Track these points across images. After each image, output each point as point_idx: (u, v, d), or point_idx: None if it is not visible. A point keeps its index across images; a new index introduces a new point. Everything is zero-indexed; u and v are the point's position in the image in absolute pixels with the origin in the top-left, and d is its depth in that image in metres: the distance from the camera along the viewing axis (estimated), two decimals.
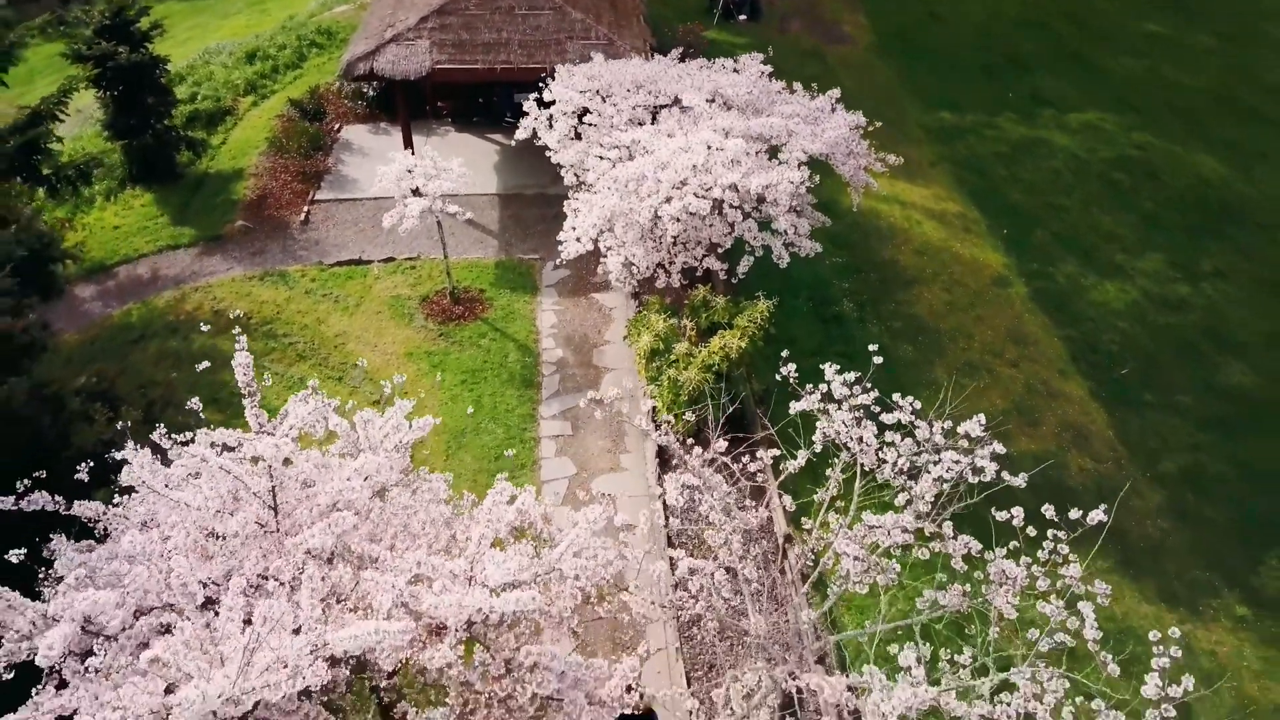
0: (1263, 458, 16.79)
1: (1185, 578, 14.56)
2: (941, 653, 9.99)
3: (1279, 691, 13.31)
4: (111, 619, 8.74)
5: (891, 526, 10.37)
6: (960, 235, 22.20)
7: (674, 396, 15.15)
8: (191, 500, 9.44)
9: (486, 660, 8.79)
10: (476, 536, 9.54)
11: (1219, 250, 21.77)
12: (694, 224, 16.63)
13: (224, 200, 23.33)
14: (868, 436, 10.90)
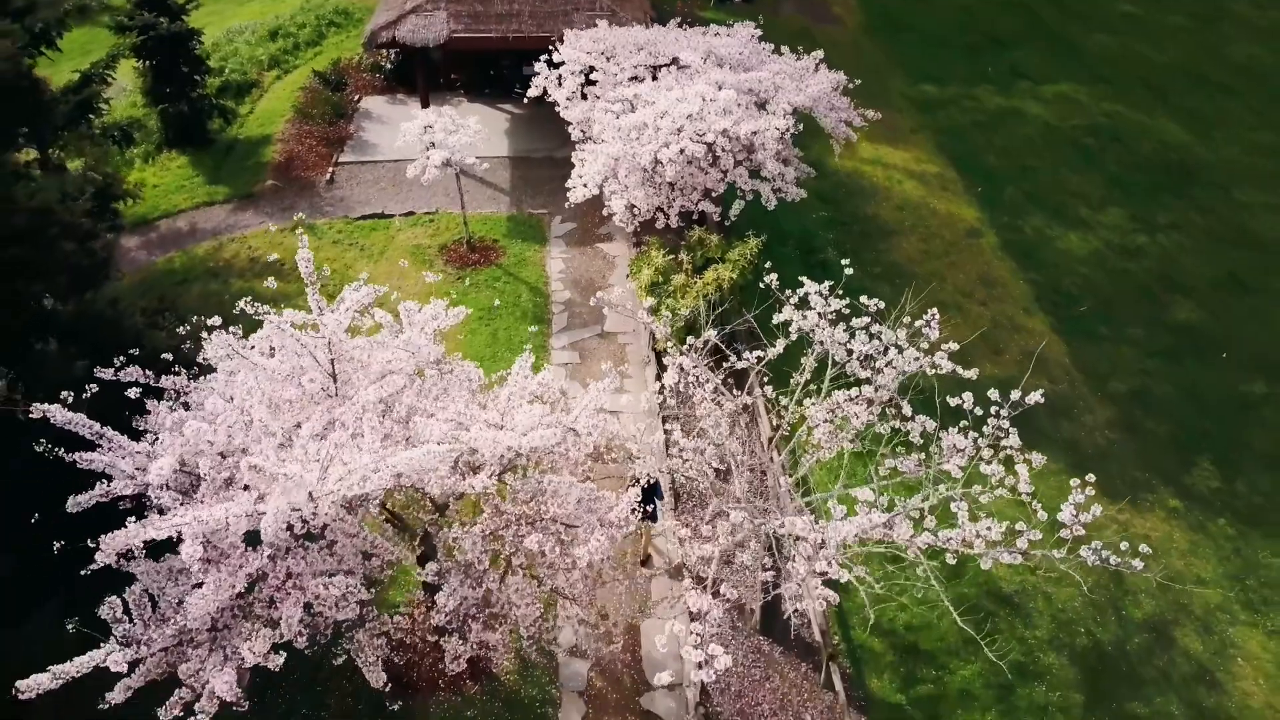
0: (1203, 381, 18.65)
1: (1127, 478, 16.43)
2: (896, 501, 11.82)
3: (1201, 567, 15.18)
4: (204, 454, 10.62)
5: (857, 398, 12.27)
6: (938, 193, 24.07)
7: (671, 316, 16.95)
8: (267, 364, 11.34)
9: (516, 487, 10.67)
10: (505, 395, 11.44)
11: (1176, 206, 23.65)
12: (690, 171, 18.51)
13: (254, 162, 25.24)
14: (838, 333, 12.77)
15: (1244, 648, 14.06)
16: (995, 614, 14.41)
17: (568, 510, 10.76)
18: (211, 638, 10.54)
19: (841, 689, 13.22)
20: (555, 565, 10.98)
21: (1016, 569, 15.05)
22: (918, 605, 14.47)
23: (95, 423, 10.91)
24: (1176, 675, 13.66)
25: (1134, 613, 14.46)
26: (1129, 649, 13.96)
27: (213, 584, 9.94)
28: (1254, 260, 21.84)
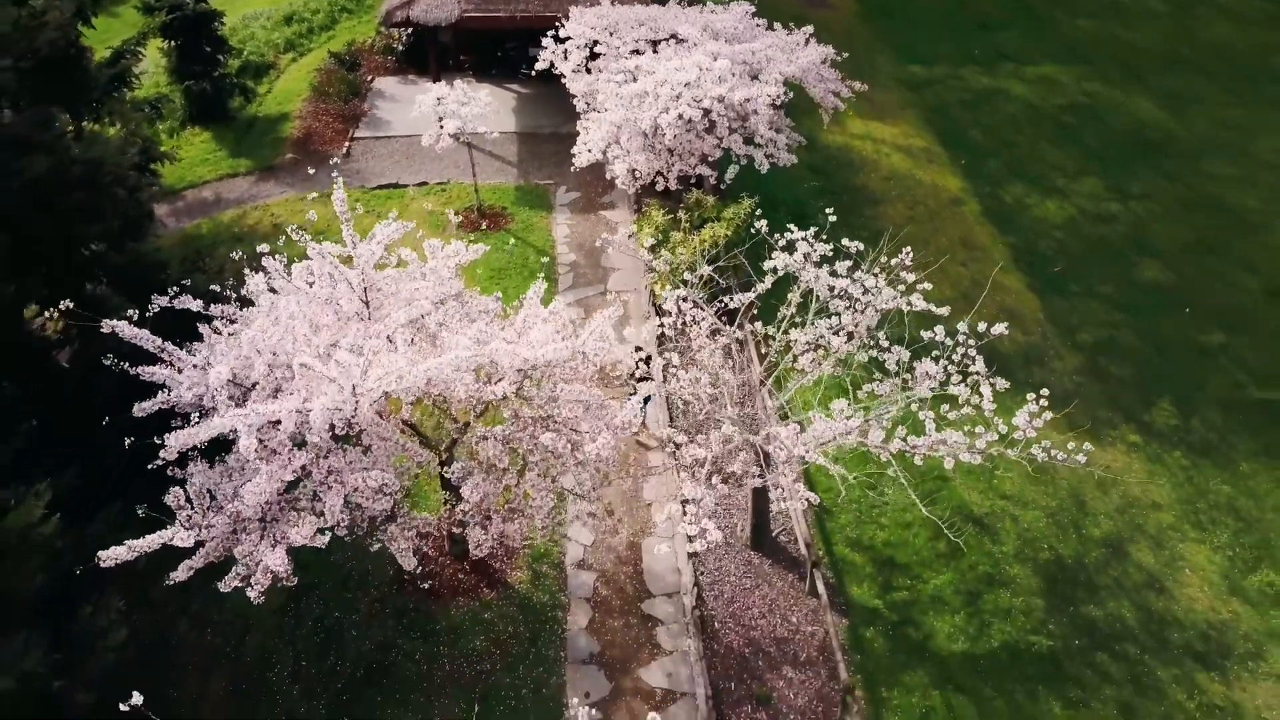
0: (1166, 333, 20.05)
1: (1091, 415, 17.83)
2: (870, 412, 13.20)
3: (1156, 493, 16.57)
4: (254, 366, 12.03)
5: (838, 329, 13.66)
6: (923, 165, 25.50)
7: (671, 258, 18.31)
8: (307, 291, 12.76)
9: (532, 394, 12.09)
10: (520, 318, 12.86)
11: (1148, 177, 25.06)
12: (687, 138, 19.91)
13: (273, 138, 26.66)
14: (822, 273, 14.14)
15: (1191, 560, 15.46)
16: (966, 531, 15.80)
17: (577, 415, 12.18)
18: (262, 527, 11.94)
19: (824, 594, 14.62)
20: (566, 464, 12.41)
21: (986, 494, 16.49)
22: (895, 525, 15.89)
23: (157, 338, 12.35)
24: (1129, 583, 15.06)
25: (1093, 531, 15.87)
26: (1087, 561, 15.38)
27: (265, 475, 11.36)
28: (1219, 225, 23.24)
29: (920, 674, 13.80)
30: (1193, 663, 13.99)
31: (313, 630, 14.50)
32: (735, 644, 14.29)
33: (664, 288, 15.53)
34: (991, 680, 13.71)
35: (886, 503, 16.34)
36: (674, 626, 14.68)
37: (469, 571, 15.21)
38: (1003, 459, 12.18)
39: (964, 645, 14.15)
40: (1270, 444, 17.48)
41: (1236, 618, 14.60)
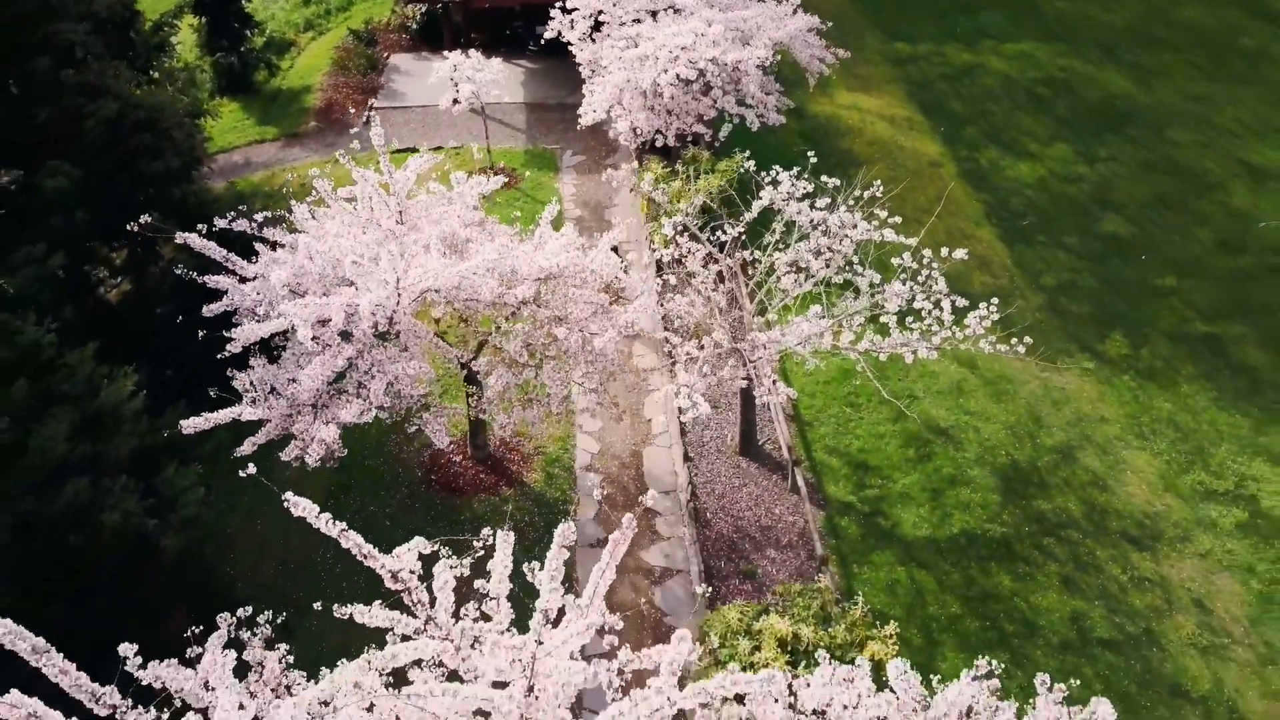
0: (1122, 277, 22.04)
1: (1050, 346, 19.81)
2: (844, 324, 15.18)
3: (1105, 410, 18.56)
4: (308, 270, 14.02)
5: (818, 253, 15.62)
6: (905, 132, 27.50)
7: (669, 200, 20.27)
8: (351, 210, 14.76)
9: (549, 298, 14.10)
10: (537, 235, 14.87)
11: (1115, 142, 27.05)
12: (684, 99, 21.94)
13: (297, 108, 28.71)
14: (804, 207, 16.11)
15: (1132, 464, 17.45)
16: (933, 443, 17.80)
17: (586, 315, 14.19)
18: (314, 411, 13.94)
19: (804, 490, 16.62)
20: (577, 358, 14.43)
21: (953, 410, 18.45)
22: (869, 436, 17.88)
23: (222, 249, 14.35)
24: (1076, 482, 17.05)
25: (1046, 440, 17.87)
26: (1040, 465, 17.37)
27: (319, 363, 13.35)
28: (1178, 185, 25.23)
29: (888, 554, 15.79)
30: (1128, 545, 15.98)
31: (351, 521, 16.35)
32: (725, 531, 16.29)
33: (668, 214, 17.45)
34: (950, 559, 15.69)
35: (862, 418, 18.36)
36: (671, 518, 16.70)
37: (489, 472, 17.22)
38: (955, 352, 14.18)
39: (927, 531, 16.14)
40: (1209, 369, 19.46)
41: (1169, 509, 16.59)
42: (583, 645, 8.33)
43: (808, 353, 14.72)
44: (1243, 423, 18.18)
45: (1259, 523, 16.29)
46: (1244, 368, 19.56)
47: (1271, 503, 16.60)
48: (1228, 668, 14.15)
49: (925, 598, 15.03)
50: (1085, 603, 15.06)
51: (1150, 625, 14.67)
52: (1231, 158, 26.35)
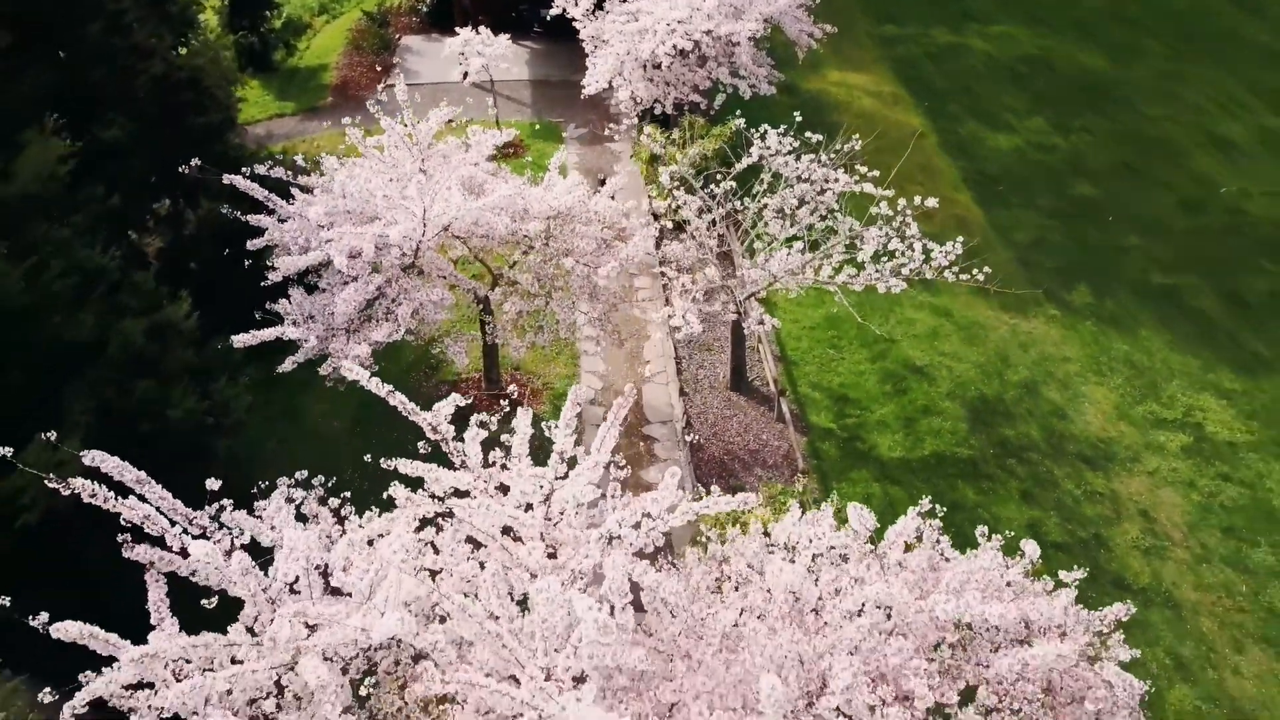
0: (1089, 235, 23.74)
1: (1018, 295, 21.52)
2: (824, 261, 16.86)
3: (1068, 351, 20.23)
4: (341, 208, 15.72)
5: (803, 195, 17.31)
6: (891, 106, 29.24)
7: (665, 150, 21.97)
8: (378, 156, 16.47)
9: (558, 234, 15.81)
10: (547, 179, 16.58)
11: (1089, 115, 28.77)
12: (681, 70, 23.66)
13: (315, 85, 30.46)
14: (790, 160, 17.80)
15: (1090, 397, 19.15)
16: (909, 380, 19.52)
17: (591, 249, 15.92)
18: (347, 334, 15.66)
19: (789, 418, 18.34)
20: (584, 288, 16.15)
21: (927, 351, 20.16)
22: (849, 374, 19.59)
23: (263, 189, 16.07)
24: (1038, 412, 18.76)
25: (1012, 377, 19.58)
26: (1005, 398, 19.08)
27: (352, 289, 15.07)
28: (1146, 154, 26.94)
29: (864, 472, 17.50)
30: (1083, 465, 17.68)
31: (377, 445, 18.17)
32: (716, 454, 18.00)
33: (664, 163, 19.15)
34: (921, 476, 17.40)
35: (843, 358, 20.07)
36: (668, 443, 18.41)
37: (501, 406, 18.91)
38: (931, 300, 15.95)
39: (900, 454, 17.85)
40: (1166, 316, 21.16)
41: (1122, 435, 18.29)
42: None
43: (791, 284, 16.41)
44: (1193, 362, 19.89)
45: (1202, 445, 17.99)
46: (1198, 315, 21.27)
47: (1215, 429, 18.31)
48: (1166, 565, 15.85)
49: (896, 508, 16.64)
50: (1041, 513, 16.77)
51: (1099, 531, 16.37)
52: (1198, 129, 28.06)
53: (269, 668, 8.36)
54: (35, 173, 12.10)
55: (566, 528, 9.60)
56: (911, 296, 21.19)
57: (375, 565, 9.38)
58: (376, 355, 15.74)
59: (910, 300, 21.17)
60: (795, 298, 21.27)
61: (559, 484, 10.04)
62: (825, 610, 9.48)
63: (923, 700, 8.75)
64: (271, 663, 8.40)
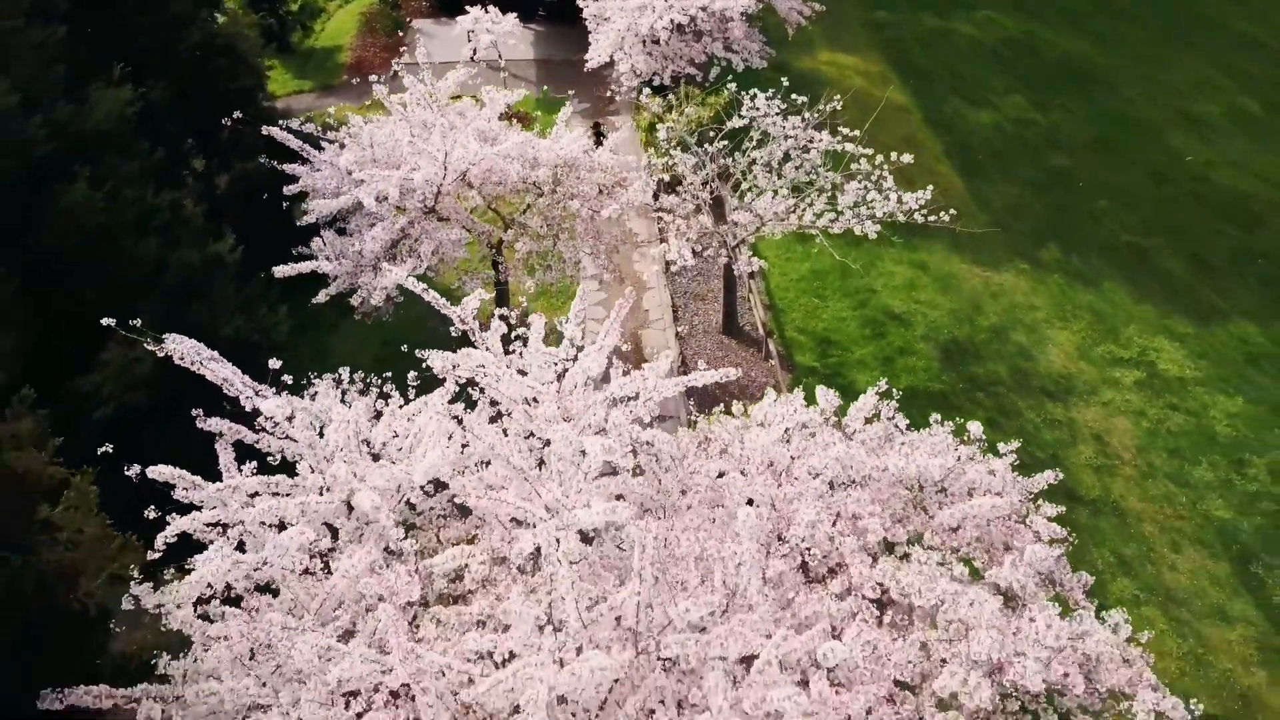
0: (1062, 202, 25.60)
1: (996, 254, 23.39)
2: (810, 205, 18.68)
3: (1035, 301, 22.07)
4: (368, 156, 17.57)
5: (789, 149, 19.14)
6: (879, 85, 31.08)
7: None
8: (401, 110, 18.34)
9: (565, 179, 17.67)
10: (554, 133, 18.44)
11: (1068, 95, 30.65)
12: (678, 45, 25.56)
13: (331, 64, 32.38)
14: (778, 120, 19.64)
15: (1054, 340, 20.99)
16: (887, 324, 21.36)
17: (595, 193, 17.78)
18: (374, 271, 17.49)
19: (776, 358, 20.17)
20: (586, 232, 18.00)
21: (905, 300, 22.00)
22: (832, 320, 21.44)
23: (298, 140, 17.93)
24: (1005, 353, 20.60)
25: (983, 323, 21.42)
26: (976, 340, 20.92)
27: (380, 229, 16.93)
28: (1120, 130, 28.80)
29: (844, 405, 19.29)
30: (1044, 397, 19.52)
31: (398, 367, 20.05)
32: (709, 388, 19.77)
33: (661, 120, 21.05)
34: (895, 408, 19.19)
35: (827, 306, 21.92)
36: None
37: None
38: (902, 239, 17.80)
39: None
40: (1129, 272, 23.01)
41: (1081, 371, 20.13)
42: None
43: (777, 229, 18.26)
44: (1152, 311, 21.74)
45: (1154, 380, 19.83)
46: (1159, 271, 23.12)
47: (1166, 366, 20.15)
48: (1115, 481, 17.68)
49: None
50: (1004, 437, 18.52)
51: (1056, 453, 18.19)
52: (1171, 108, 29.94)
53: (330, 502, 10.18)
54: (108, 111, 13.93)
55: (577, 398, 11.44)
56: (892, 253, 23.06)
57: (415, 430, 11.23)
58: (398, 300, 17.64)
59: (890, 256, 23.02)
60: (784, 252, 23.24)
61: (570, 365, 11.87)
62: (794, 470, 11.31)
63: (874, 534, 10.56)
64: (332, 498, 10.23)
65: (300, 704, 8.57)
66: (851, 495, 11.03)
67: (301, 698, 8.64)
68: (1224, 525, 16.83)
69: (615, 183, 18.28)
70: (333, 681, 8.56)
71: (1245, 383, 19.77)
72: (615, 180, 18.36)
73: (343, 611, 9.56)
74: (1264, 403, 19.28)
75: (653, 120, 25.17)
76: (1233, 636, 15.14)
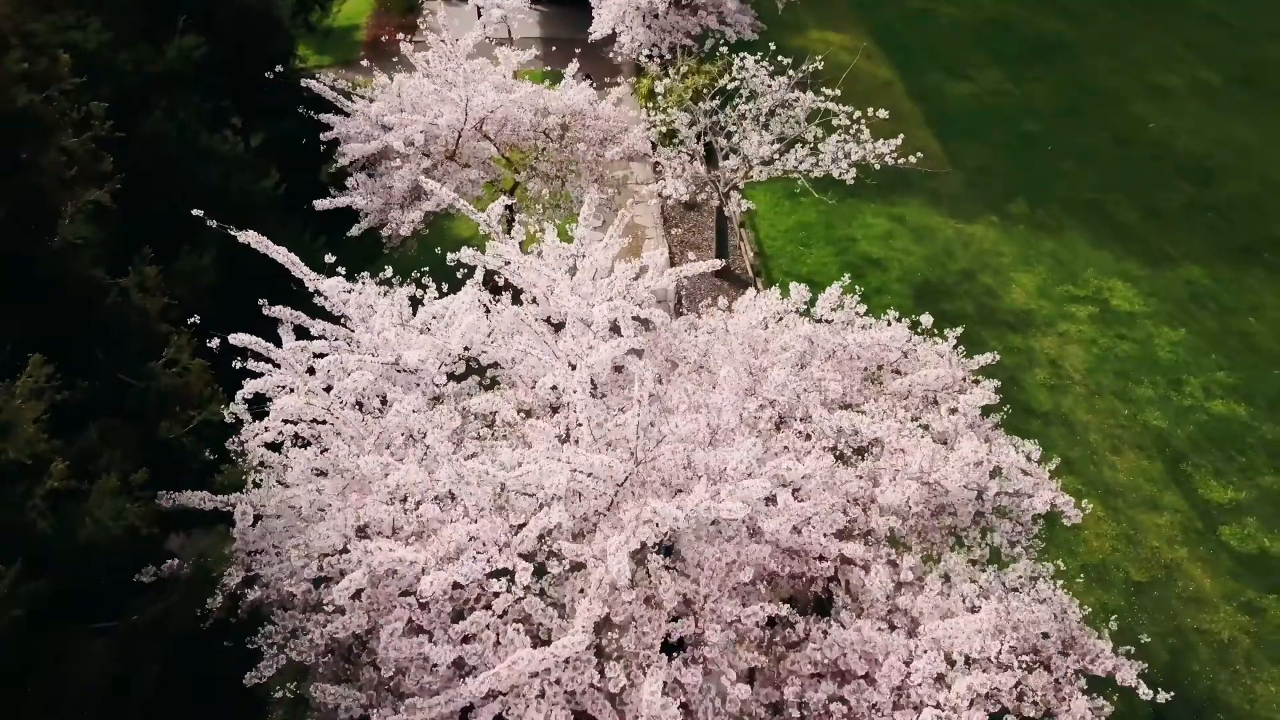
0: (1032, 162, 27.83)
1: (968, 208, 25.63)
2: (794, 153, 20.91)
3: (1002, 250, 24.28)
4: (397, 106, 19.83)
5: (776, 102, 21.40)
6: (864, 61, 33.31)
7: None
8: (424, 65, 20.60)
9: (572, 126, 19.91)
10: (562, 84, 20.70)
11: (1042, 68, 32.89)
12: (675, 18, 27.85)
13: (348, 41, 34.69)
14: (765, 77, 21.92)
15: (1018, 281, 23.21)
16: (866, 268, 23.59)
17: (599, 136, 20.03)
18: (402, 207, 19.73)
19: None
20: (591, 174, 20.25)
21: (882, 247, 24.25)
22: (816, 265, 23.68)
23: (332, 91, 20.17)
24: (974, 292, 22.82)
25: (953, 267, 23.66)
26: (946, 280, 23.15)
27: (407, 169, 19.17)
28: (1088, 99, 31.04)
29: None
30: (1006, 329, 21.73)
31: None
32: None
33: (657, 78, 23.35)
34: None
35: (811, 253, 24.17)
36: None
37: None
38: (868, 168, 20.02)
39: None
40: (1090, 224, 25.23)
41: (1040, 308, 22.35)
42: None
43: (764, 173, 20.52)
44: (1108, 256, 23.97)
45: (1106, 315, 22.05)
46: (1117, 223, 25.36)
47: (1118, 303, 22.38)
48: (1066, 398, 19.90)
49: None
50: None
51: (1014, 374, 20.39)
52: (1137, 80, 32.20)
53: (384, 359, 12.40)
54: (177, 54, 16.16)
55: (586, 286, 13.66)
56: (872, 207, 25.34)
57: (450, 310, 13.45)
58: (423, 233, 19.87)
59: (870, 209, 25.29)
60: (773, 207, 25.50)
61: (580, 260, 14.09)
62: (770, 348, 13.54)
63: (834, 392, 12.79)
64: (384, 357, 12.45)
65: (366, 505, 10.79)
66: (816, 364, 13.26)
67: (366, 501, 10.86)
68: (1160, 433, 19.04)
69: (618, 130, 20.54)
70: (391, 484, 10.79)
71: (1189, 317, 21.99)
72: (618, 128, 20.62)
73: (395, 446, 11.77)
74: (1203, 334, 21.50)
75: (651, 86, 27.45)
76: (1161, 521, 17.34)
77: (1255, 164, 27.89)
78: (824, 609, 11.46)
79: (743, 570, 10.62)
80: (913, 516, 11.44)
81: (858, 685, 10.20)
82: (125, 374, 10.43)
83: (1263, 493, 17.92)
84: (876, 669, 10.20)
